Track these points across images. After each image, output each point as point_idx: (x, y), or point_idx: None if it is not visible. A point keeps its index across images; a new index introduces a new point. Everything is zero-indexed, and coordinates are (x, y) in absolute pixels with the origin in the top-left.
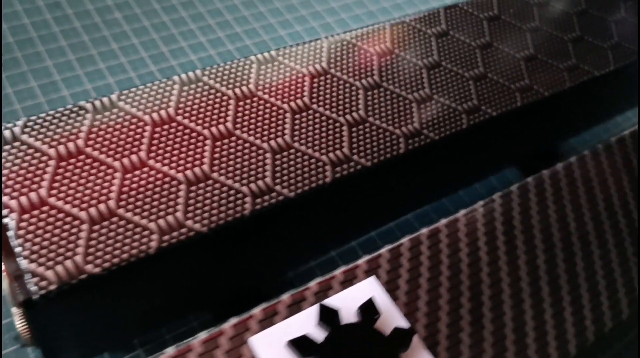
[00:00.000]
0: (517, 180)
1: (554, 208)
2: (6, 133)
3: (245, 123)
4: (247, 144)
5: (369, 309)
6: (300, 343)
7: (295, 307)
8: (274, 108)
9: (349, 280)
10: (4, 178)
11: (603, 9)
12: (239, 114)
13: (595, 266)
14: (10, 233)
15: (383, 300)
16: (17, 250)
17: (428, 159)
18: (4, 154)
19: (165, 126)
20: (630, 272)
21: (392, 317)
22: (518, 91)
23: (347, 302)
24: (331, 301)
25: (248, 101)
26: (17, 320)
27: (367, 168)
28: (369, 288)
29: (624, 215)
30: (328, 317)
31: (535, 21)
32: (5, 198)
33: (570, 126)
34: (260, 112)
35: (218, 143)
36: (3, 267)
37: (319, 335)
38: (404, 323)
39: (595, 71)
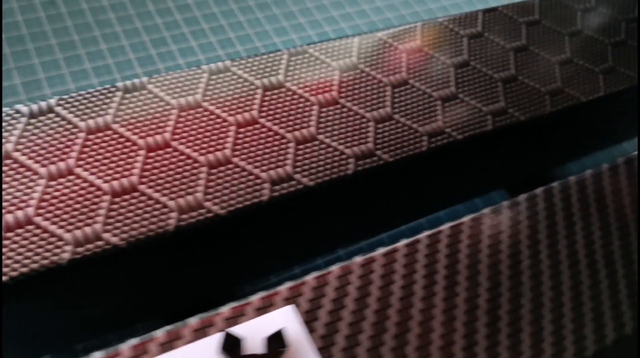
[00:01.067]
0: None
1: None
2: None
3: (185, 134)
4: (182, 157)
5: (276, 340)
6: None
7: (201, 332)
8: (219, 120)
9: (265, 307)
10: None
11: (599, 31)
12: (180, 125)
13: (600, 276)
14: None
15: (296, 332)
16: None
17: (381, 181)
18: None
19: (100, 134)
20: (635, 286)
21: (303, 350)
22: (490, 114)
23: (257, 331)
24: (239, 329)
25: (192, 111)
26: None
27: (309, 187)
28: (284, 318)
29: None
30: (230, 345)
31: (522, 40)
32: None
33: (559, 152)
34: (203, 124)
35: (152, 154)
36: None
37: None
38: None
39: (582, 96)
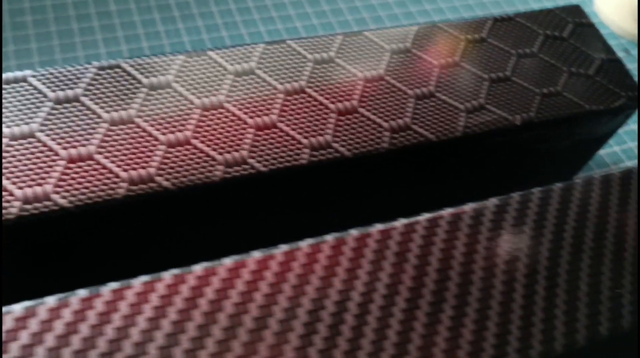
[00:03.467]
0: None
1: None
2: None
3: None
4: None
5: None
6: None
7: None
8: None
9: None
10: None
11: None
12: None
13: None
14: None
15: None
16: None
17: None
18: None
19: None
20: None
21: None
22: (308, 148)
23: None
24: None
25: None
26: None
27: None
28: None
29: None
30: None
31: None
32: None
33: (455, 192)
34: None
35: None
36: None
37: None
38: None
39: (434, 136)
